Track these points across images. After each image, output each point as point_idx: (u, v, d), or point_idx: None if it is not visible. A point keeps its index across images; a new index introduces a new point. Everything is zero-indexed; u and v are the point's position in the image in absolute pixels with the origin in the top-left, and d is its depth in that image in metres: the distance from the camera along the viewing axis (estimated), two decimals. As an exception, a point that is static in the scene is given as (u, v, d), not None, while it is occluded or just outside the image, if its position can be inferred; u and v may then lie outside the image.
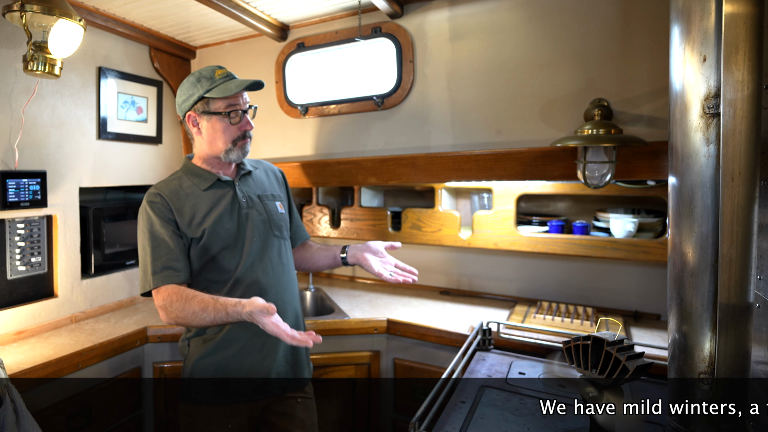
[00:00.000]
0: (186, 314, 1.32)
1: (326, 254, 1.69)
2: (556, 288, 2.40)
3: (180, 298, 1.34)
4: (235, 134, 1.50)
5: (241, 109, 1.50)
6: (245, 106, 1.51)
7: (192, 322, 1.33)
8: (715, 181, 1.01)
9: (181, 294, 1.35)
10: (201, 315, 1.30)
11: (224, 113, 1.47)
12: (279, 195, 1.65)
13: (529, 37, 1.96)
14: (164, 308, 1.36)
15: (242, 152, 1.53)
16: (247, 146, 1.53)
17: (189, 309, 1.32)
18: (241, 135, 1.50)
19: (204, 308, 1.30)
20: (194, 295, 1.33)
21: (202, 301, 1.31)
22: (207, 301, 1.31)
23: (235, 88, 1.45)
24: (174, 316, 1.35)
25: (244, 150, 1.53)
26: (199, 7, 2.11)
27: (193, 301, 1.32)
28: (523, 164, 2.01)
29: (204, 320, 1.30)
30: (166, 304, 1.36)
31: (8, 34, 1.85)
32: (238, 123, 1.49)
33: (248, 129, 1.52)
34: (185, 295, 1.34)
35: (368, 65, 2.35)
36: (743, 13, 0.96)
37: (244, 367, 1.48)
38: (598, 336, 1.20)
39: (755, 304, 1.05)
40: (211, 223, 1.46)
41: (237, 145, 1.51)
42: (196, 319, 1.31)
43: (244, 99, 1.52)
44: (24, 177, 1.90)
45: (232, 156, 1.51)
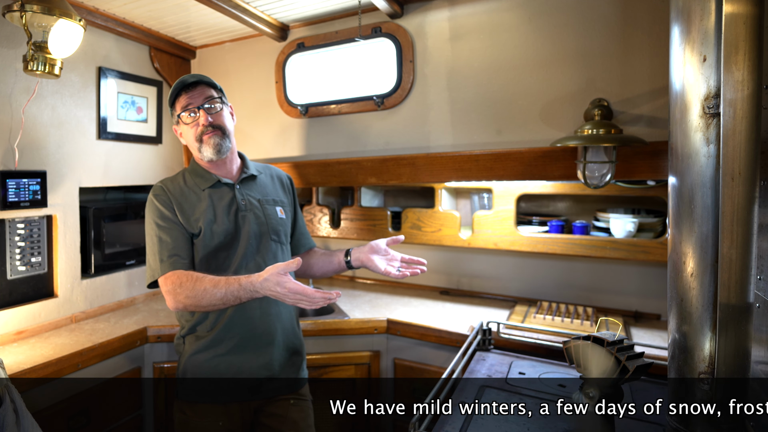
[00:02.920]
0: (197, 292, 1.32)
1: (329, 260, 1.65)
2: (556, 288, 2.40)
3: (190, 278, 1.35)
4: (195, 132, 1.50)
5: (195, 106, 1.49)
6: (200, 102, 1.49)
7: (202, 300, 1.32)
8: (715, 181, 1.01)
9: (190, 275, 1.36)
10: (212, 291, 1.30)
11: (180, 115, 1.50)
12: (282, 200, 1.65)
13: (529, 37, 1.96)
14: (172, 292, 1.36)
15: (211, 146, 1.49)
16: (214, 139, 1.49)
17: (200, 287, 1.32)
18: (201, 131, 1.49)
19: (215, 284, 1.30)
20: (204, 276, 1.35)
21: (213, 278, 1.32)
22: (218, 278, 1.32)
23: (172, 90, 1.51)
24: (183, 297, 1.35)
25: (212, 144, 1.49)
26: (199, 7, 2.11)
27: (204, 279, 1.33)
28: (523, 164, 2.01)
29: (215, 296, 1.30)
30: (175, 287, 1.36)
31: (8, 34, 1.85)
32: (194, 121, 1.49)
33: (204, 124, 1.48)
34: (195, 276, 1.36)
35: (368, 65, 2.35)
36: (743, 13, 0.96)
37: (235, 366, 1.48)
38: (598, 336, 1.20)
39: (755, 304, 1.05)
40: (207, 221, 1.47)
41: (203, 142, 1.49)
42: (206, 296, 1.31)
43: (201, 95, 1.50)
44: (24, 177, 1.90)
45: (206, 153, 1.50)
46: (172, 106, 1.54)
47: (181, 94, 1.51)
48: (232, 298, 1.29)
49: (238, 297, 1.29)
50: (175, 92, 1.51)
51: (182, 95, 1.51)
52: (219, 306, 1.34)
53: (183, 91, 1.51)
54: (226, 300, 1.30)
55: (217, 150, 1.50)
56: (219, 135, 1.50)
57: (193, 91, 1.50)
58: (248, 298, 1.29)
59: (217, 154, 1.50)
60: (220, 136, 1.50)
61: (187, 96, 1.50)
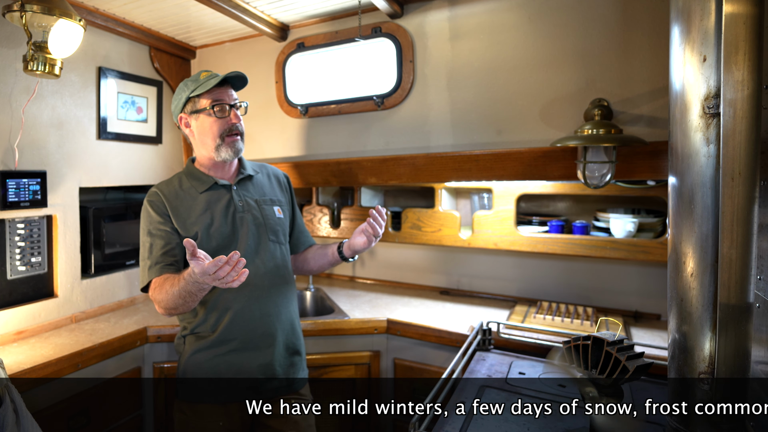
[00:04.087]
0: (166, 297, 1.33)
1: (324, 253, 1.67)
2: (556, 288, 2.40)
3: (161, 284, 1.36)
4: (222, 128, 1.49)
5: (227, 103, 1.49)
6: (231, 101, 1.51)
7: (169, 303, 1.33)
8: (715, 181, 1.01)
9: (159, 281, 1.37)
10: (171, 291, 1.31)
11: (209, 108, 1.48)
12: (279, 200, 1.65)
13: (529, 37, 1.96)
14: (154, 299, 1.39)
15: (232, 149, 1.50)
16: (238, 144, 1.51)
17: (164, 290, 1.33)
18: (228, 129, 1.49)
19: (172, 284, 1.31)
20: (167, 277, 1.35)
21: (171, 278, 1.33)
22: (175, 277, 1.32)
23: (215, 81, 1.47)
24: (162, 305, 1.37)
25: (234, 147, 1.50)
26: (199, 7, 2.11)
27: (165, 282, 1.34)
28: (523, 164, 2.01)
29: (174, 295, 1.30)
30: (155, 295, 1.38)
31: (8, 34, 1.85)
32: (223, 117, 1.49)
33: (235, 122, 1.50)
34: (161, 280, 1.36)
35: (368, 65, 2.35)
36: (743, 13, 0.96)
37: (236, 366, 1.48)
38: (598, 336, 1.20)
39: (755, 304, 1.05)
40: (204, 225, 1.47)
41: (225, 141, 1.49)
42: (172, 298, 1.31)
43: (231, 95, 1.52)
44: (24, 177, 1.90)
45: (223, 154, 1.50)
46: (196, 96, 1.48)
47: (215, 87, 1.49)
48: (186, 294, 1.28)
49: (189, 291, 1.28)
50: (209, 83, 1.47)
51: (215, 89, 1.49)
52: (186, 304, 1.33)
53: (217, 86, 1.50)
54: (183, 296, 1.29)
55: (235, 153, 1.52)
56: (241, 140, 1.53)
57: (224, 89, 1.51)
58: (198, 289, 1.27)
59: (234, 156, 1.52)
60: (241, 141, 1.53)
61: (220, 91, 1.50)
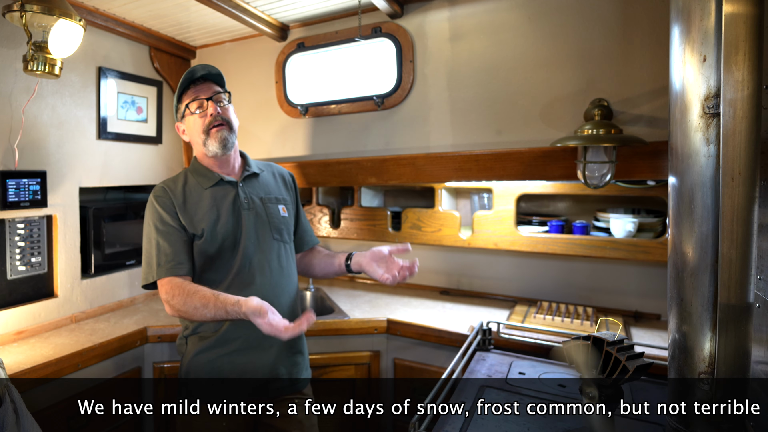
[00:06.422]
0: (188, 308, 1.34)
1: (331, 262, 1.66)
2: (556, 288, 2.40)
3: (182, 292, 1.35)
4: (204, 123, 1.49)
5: (203, 98, 1.49)
6: (209, 95, 1.50)
7: (193, 316, 1.35)
8: (715, 181, 1.01)
9: (183, 288, 1.36)
10: (202, 311, 1.31)
11: (187, 107, 1.50)
12: (284, 198, 1.64)
13: (529, 37, 1.96)
14: (168, 301, 1.38)
15: (218, 141, 1.48)
16: (222, 133, 1.49)
17: (190, 304, 1.33)
18: (210, 122, 1.49)
19: (205, 304, 1.31)
20: (196, 291, 1.34)
21: (203, 297, 1.32)
22: (208, 297, 1.32)
23: (183, 80, 1.49)
24: (175, 310, 1.37)
25: (219, 137, 1.48)
26: (199, 7, 2.11)
27: (195, 296, 1.33)
28: (523, 164, 2.01)
29: (205, 316, 1.32)
30: (169, 298, 1.37)
31: (8, 34, 1.85)
32: (203, 112, 1.49)
33: (213, 114, 1.48)
34: (187, 289, 1.35)
35: (368, 65, 2.35)
36: (743, 13, 0.96)
37: (239, 367, 1.48)
38: (598, 336, 1.20)
39: (755, 304, 1.05)
40: (210, 222, 1.47)
41: (210, 135, 1.49)
42: (197, 314, 1.33)
43: (209, 89, 1.51)
44: (24, 177, 1.90)
45: (211, 147, 1.49)
46: (179, 100, 1.54)
47: (190, 87, 1.52)
48: (221, 318, 1.32)
49: (226, 318, 1.31)
50: (184, 85, 1.51)
51: (190, 89, 1.52)
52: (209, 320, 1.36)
53: (192, 85, 1.52)
54: (216, 319, 1.32)
55: (223, 144, 1.49)
56: (227, 129, 1.50)
57: (202, 86, 1.52)
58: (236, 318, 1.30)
59: (223, 149, 1.50)
60: (228, 131, 1.50)
61: (195, 89, 1.51)
